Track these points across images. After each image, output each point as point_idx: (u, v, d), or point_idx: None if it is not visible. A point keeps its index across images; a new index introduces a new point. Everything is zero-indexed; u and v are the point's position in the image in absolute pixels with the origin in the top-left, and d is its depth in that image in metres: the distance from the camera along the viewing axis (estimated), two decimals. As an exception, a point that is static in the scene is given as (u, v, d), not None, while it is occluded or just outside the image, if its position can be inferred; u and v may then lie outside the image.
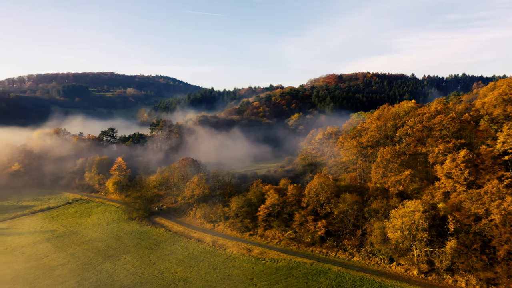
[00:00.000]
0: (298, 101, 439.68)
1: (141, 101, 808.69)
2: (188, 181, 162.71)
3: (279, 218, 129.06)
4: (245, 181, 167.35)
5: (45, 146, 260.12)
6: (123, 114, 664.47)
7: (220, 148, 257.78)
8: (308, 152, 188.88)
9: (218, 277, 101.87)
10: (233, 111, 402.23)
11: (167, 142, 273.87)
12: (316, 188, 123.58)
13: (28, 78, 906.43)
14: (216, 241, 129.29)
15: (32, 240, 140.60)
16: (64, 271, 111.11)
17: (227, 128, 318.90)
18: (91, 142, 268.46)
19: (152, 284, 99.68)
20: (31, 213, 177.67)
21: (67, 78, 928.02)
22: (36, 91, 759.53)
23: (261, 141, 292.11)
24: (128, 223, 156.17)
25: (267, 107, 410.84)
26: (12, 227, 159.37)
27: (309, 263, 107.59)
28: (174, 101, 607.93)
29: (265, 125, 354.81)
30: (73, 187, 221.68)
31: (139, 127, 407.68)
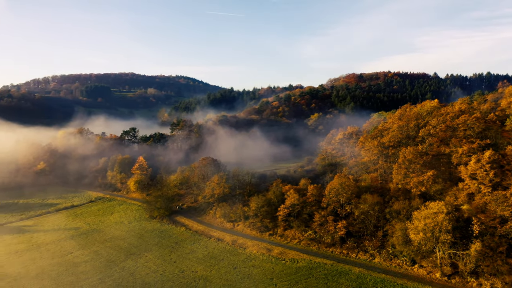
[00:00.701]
0: (318, 101, 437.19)
1: (162, 101, 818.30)
2: (208, 181, 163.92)
3: (299, 218, 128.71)
4: (265, 181, 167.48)
5: (69, 145, 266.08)
6: (144, 114, 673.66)
7: (240, 148, 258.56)
8: (328, 152, 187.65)
9: (238, 277, 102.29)
10: (253, 111, 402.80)
11: (187, 141, 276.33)
12: (336, 188, 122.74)
13: (53, 79, 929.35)
14: (236, 240, 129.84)
15: (56, 237, 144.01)
16: (87, 268, 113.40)
17: (246, 128, 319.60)
18: (113, 141, 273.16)
19: (173, 282, 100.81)
20: (56, 211, 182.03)
21: (89, 78, 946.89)
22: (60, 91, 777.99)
23: (280, 141, 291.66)
24: (149, 221, 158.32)
25: (287, 107, 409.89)
26: (38, 224, 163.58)
27: (329, 263, 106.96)
28: (194, 101, 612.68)
29: (285, 125, 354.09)
30: (96, 186, 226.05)
31: (160, 127, 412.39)
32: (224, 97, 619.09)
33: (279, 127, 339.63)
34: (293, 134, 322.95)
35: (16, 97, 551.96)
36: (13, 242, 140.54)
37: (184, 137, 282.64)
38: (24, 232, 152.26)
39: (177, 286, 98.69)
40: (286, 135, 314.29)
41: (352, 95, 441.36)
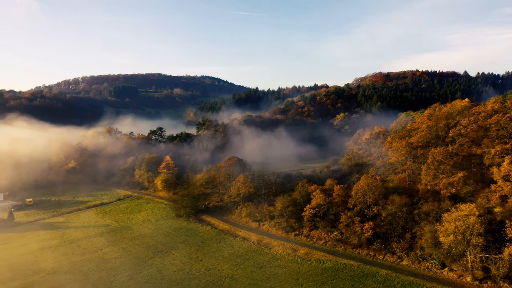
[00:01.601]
0: (344, 100, 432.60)
1: (188, 101, 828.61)
2: (234, 180, 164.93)
3: (325, 218, 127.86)
4: (290, 180, 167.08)
5: (98, 145, 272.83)
6: (170, 114, 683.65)
7: (265, 148, 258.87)
8: (355, 152, 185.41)
9: (264, 276, 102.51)
10: (278, 111, 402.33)
11: (212, 141, 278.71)
12: (363, 189, 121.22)
13: (82, 80, 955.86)
14: (261, 240, 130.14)
15: (87, 234, 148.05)
16: (117, 264, 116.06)
17: (272, 127, 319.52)
18: (140, 140, 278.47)
19: (199, 280, 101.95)
20: (86, 208, 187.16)
21: (118, 79, 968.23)
22: (90, 92, 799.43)
23: (306, 141, 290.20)
24: (176, 220, 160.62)
25: (312, 107, 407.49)
26: (69, 221, 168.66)
27: (355, 265, 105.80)
28: (220, 101, 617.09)
29: (310, 124, 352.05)
30: (124, 184, 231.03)
31: (186, 127, 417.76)
32: (249, 97, 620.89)
33: (304, 127, 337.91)
34: (319, 134, 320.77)
35: (48, 98, 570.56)
36: (46, 237, 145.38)
37: (209, 136, 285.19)
38: (57, 228, 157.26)
39: (203, 284, 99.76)
40: (311, 135, 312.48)
41: (379, 95, 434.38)
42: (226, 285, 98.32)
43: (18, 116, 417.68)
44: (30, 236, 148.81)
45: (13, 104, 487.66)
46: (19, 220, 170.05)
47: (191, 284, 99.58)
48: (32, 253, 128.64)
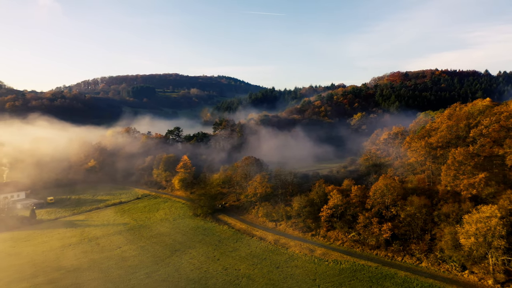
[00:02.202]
0: (361, 100, 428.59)
1: (204, 101, 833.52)
2: (251, 180, 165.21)
3: (342, 219, 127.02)
4: (307, 181, 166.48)
5: (117, 144, 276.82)
6: (186, 114, 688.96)
7: (282, 148, 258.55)
8: (372, 153, 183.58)
9: (281, 276, 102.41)
10: (294, 111, 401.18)
11: (229, 141, 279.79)
12: (381, 189, 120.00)
13: (101, 80, 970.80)
14: (278, 240, 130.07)
15: (106, 232, 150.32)
16: (135, 263, 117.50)
17: (288, 127, 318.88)
18: (158, 140, 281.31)
19: (216, 280, 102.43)
20: (105, 206, 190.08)
21: (135, 79, 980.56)
22: (109, 92, 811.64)
23: (322, 141, 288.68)
24: (193, 219, 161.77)
25: (329, 106, 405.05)
26: (89, 219, 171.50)
27: (373, 266, 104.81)
28: (236, 101, 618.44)
29: (327, 124, 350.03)
30: (142, 183, 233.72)
31: (202, 127, 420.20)
32: (265, 96, 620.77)
33: (321, 126, 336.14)
34: (336, 134, 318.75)
35: (69, 98, 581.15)
36: (66, 235, 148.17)
37: (226, 136, 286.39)
38: (77, 226, 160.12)
39: (220, 283, 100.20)
40: (328, 135, 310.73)
41: (397, 94, 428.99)
42: (243, 285, 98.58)
43: (39, 116, 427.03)
44: (51, 233, 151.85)
45: (34, 104, 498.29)
46: (40, 218, 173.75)
47: (208, 283, 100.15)
48: (53, 250, 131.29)
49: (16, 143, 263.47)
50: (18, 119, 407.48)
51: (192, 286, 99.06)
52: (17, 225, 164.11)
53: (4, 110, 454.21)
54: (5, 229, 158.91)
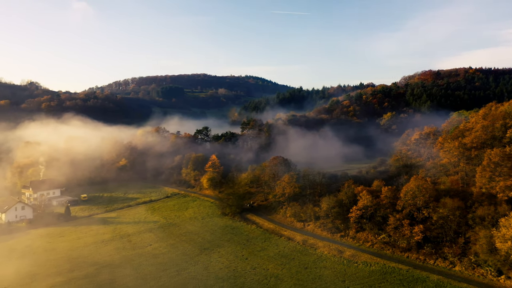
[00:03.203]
0: (391, 99, 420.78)
1: (232, 101, 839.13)
2: (279, 180, 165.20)
3: (372, 220, 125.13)
4: (336, 181, 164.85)
5: (147, 143, 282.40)
6: (214, 113, 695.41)
7: (310, 148, 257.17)
8: (403, 153, 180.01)
9: (309, 277, 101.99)
10: (322, 110, 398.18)
11: (257, 141, 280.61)
12: (413, 191, 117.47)
13: (132, 81, 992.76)
14: (306, 240, 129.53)
15: (137, 229, 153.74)
16: (165, 260, 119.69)
17: (316, 127, 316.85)
18: (187, 140, 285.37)
19: (245, 278, 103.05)
20: (136, 204, 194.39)
21: (165, 80, 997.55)
22: (139, 92, 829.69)
23: (351, 141, 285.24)
24: (221, 218, 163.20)
25: (358, 106, 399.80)
26: (120, 217, 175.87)
27: (404, 269, 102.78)
28: (264, 100, 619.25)
29: (356, 124, 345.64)
30: (171, 182, 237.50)
31: (230, 126, 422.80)
32: (293, 96, 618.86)
33: (350, 126, 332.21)
34: (365, 134, 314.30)
35: (101, 98, 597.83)
36: (99, 232, 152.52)
37: (254, 136, 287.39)
38: (109, 224, 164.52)
39: (249, 282, 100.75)
40: (357, 135, 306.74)
41: (429, 93, 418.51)
42: (271, 284, 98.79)
43: (73, 115, 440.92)
44: (85, 230, 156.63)
45: (69, 105, 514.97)
46: (75, 215, 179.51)
47: (237, 282, 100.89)
48: (87, 246, 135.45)
49: (51, 142, 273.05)
50: (53, 119, 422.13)
51: (220, 284, 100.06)
52: (53, 221, 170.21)
53: (41, 110, 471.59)
54: (42, 225, 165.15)
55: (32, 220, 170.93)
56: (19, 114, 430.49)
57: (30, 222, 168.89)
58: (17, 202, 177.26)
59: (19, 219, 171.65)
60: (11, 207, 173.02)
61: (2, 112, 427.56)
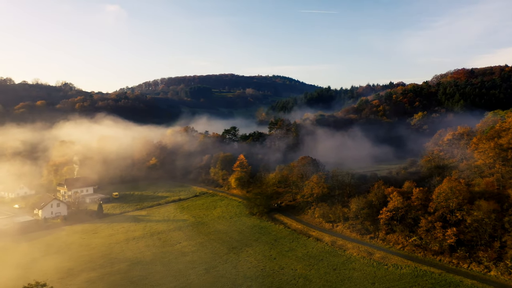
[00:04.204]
0: (422, 99, 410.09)
1: (259, 100, 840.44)
2: (307, 180, 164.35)
3: (403, 222, 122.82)
4: (365, 182, 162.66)
5: (177, 143, 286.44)
6: (242, 113, 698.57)
7: (338, 148, 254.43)
8: (435, 154, 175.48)
9: (338, 278, 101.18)
10: (351, 110, 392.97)
11: (284, 141, 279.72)
12: (445, 192, 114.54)
13: (161, 81, 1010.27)
14: (335, 241, 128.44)
15: (166, 227, 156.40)
16: (194, 258, 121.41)
17: (345, 127, 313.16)
18: (215, 139, 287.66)
19: (273, 278, 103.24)
20: (165, 203, 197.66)
21: (193, 80, 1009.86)
22: (168, 92, 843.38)
23: (381, 141, 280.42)
24: (249, 217, 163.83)
25: (388, 106, 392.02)
26: (150, 215, 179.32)
27: (437, 273, 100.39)
28: (291, 100, 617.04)
29: (385, 124, 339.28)
30: (199, 181, 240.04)
31: (257, 126, 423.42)
32: (321, 96, 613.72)
33: (379, 126, 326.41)
34: (395, 134, 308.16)
35: (131, 99, 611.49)
36: (130, 229, 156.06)
37: (281, 136, 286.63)
38: (139, 221, 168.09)
39: (277, 282, 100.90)
40: (387, 135, 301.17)
41: (462, 92, 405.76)
42: (300, 285, 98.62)
43: (105, 115, 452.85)
44: (117, 227, 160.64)
45: (101, 105, 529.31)
46: (107, 212, 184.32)
47: (265, 282, 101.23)
48: (119, 243, 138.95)
49: (85, 141, 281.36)
50: (86, 118, 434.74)
51: (249, 283, 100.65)
52: (87, 218, 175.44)
53: (74, 110, 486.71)
54: (76, 222, 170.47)
55: (67, 217, 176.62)
56: (54, 114, 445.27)
57: (65, 218, 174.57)
58: (53, 199, 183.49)
59: (55, 215, 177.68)
60: (47, 204, 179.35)
61: (39, 113, 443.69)
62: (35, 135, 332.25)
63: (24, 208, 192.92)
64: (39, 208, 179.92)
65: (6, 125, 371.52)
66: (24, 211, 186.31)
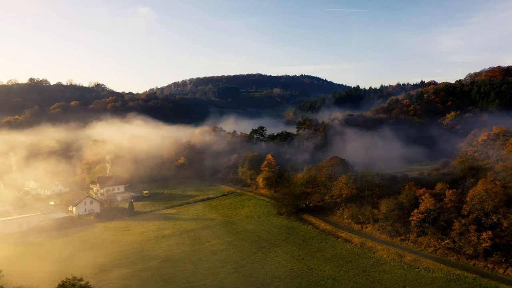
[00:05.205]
0: (455, 98, 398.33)
1: (286, 100, 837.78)
2: (336, 180, 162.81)
3: (435, 225, 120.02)
4: (395, 183, 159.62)
5: (205, 142, 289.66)
6: (269, 113, 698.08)
7: (368, 148, 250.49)
8: (469, 155, 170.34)
9: (368, 280, 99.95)
10: (381, 110, 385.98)
11: (312, 141, 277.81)
12: (480, 195, 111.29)
13: (189, 81, 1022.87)
14: (364, 243, 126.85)
15: (195, 226, 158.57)
16: (223, 257, 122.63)
17: (374, 127, 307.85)
18: (243, 139, 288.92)
19: (301, 279, 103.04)
20: (194, 202, 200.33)
21: (221, 80, 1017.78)
22: (196, 93, 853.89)
23: (411, 141, 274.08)
24: (277, 217, 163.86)
25: (418, 105, 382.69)
26: (179, 213, 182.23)
27: (471, 277, 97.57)
28: (319, 100, 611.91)
29: (417, 124, 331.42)
30: (227, 181, 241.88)
31: (285, 126, 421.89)
32: (349, 95, 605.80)
33: (410, 126, 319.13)
34: (426, 134, 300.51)
35: (161, 99, 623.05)
36: (160, 227, 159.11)
37: (309, 136, 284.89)
38: (169, 219, 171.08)
39: (305, 283, 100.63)
40: (418, 135, 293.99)
41: (497, 91, 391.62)
42: (328, 286, 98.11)
43: (136, 115, 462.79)
44: (147, 225, 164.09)
45: (131, 105, 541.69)
46: (137, 210, 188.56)
47: (293, 282, 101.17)
48: (149, 240, 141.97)
49: (116, 141, 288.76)
50: (118, 118, 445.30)
51: (277, 283, 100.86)
52: (118, 215, 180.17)
53: (106, 110, 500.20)
54: (108, 219, 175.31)
55: (99, 214, 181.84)
56: (87, 114, 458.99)
57: (97, 215, 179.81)
58: (86, 197, 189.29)
59: (88, 212, 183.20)
60: (81, 201, 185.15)
61: (73, 113, 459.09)
62: (70, 135, 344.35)
63: (59, 205, 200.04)
64: (73, 205, 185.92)
65: (42, 125, 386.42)
66: (59, 208, 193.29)
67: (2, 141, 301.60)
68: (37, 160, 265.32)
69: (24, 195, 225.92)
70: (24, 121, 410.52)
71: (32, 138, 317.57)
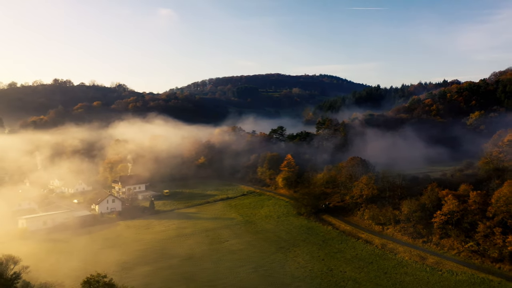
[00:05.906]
0: (479, 97, 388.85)
1: (306, 100, 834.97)
2: (356, 181, 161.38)
3: (458, 227, 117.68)
4: (417, 183, 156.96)
5: (224, 142, 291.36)
6: (288, 113, 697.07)
7: (389, 148, 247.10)
8: (494, 156, 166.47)
9: (389, 282, 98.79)
10: (402, 109, 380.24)
11: (332, 141, 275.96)
12: (506, 196, 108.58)
13: (209, 81, 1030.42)
14: (385, 244, 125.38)
15: (215, 225, 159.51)
16: (242, 256, 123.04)
17: (395, 127, 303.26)
18: (262, 139, 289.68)
19: (321, 280, 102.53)
20: (214, 201, 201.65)
21: (240, 80, 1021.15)
22: (215, 93, 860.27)
23: (434, 142, 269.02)
24: (297, 217, 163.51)
25: (441, 105, 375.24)
26: (199, 212, 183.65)
27: (496, 281, 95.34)
28: (339, 99, 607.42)
29: (439, 124, 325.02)
30: (247, 180, 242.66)
31: (304, 126, 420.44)
32: (370, 95, 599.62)
33: (432, 126, 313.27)
34: (449, 134, 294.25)
35: (181, 99, 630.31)
36: (181, 226, 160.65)
37: (329, 136, 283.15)
38: (189, 218, 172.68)
39: (325, 283, 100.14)
40: (440, 135, 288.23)
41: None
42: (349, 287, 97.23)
43: (156, 115, 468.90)
44: (168, 223, 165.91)
45: (152, 105, 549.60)
46: (158, 209, 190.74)
47: (313, 283, 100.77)
48: (170, 239, 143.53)
49: (138, 140, 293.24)
50: (139, 118, 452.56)
51: (297, 284, 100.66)
52: (139, 214, 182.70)
53: (128, 110, 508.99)
54: (129, 217, 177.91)
55: (121, 212, 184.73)
56: (109, 114, 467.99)
57: (119, 214, 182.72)
58: (108, 195, 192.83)
59: (110, 210, 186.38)
60: (104, 199, 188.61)
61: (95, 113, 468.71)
62: (92, 134, 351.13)
63: (82, 203, 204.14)
64: (96, 204, 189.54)
65: (66, 124, 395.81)
66: (82, 206, 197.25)
67: (28, 141, 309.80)
68: (61, 159, 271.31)
69: (48, 193, 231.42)
70: (48, 121, 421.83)
71: (56, 138, 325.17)
